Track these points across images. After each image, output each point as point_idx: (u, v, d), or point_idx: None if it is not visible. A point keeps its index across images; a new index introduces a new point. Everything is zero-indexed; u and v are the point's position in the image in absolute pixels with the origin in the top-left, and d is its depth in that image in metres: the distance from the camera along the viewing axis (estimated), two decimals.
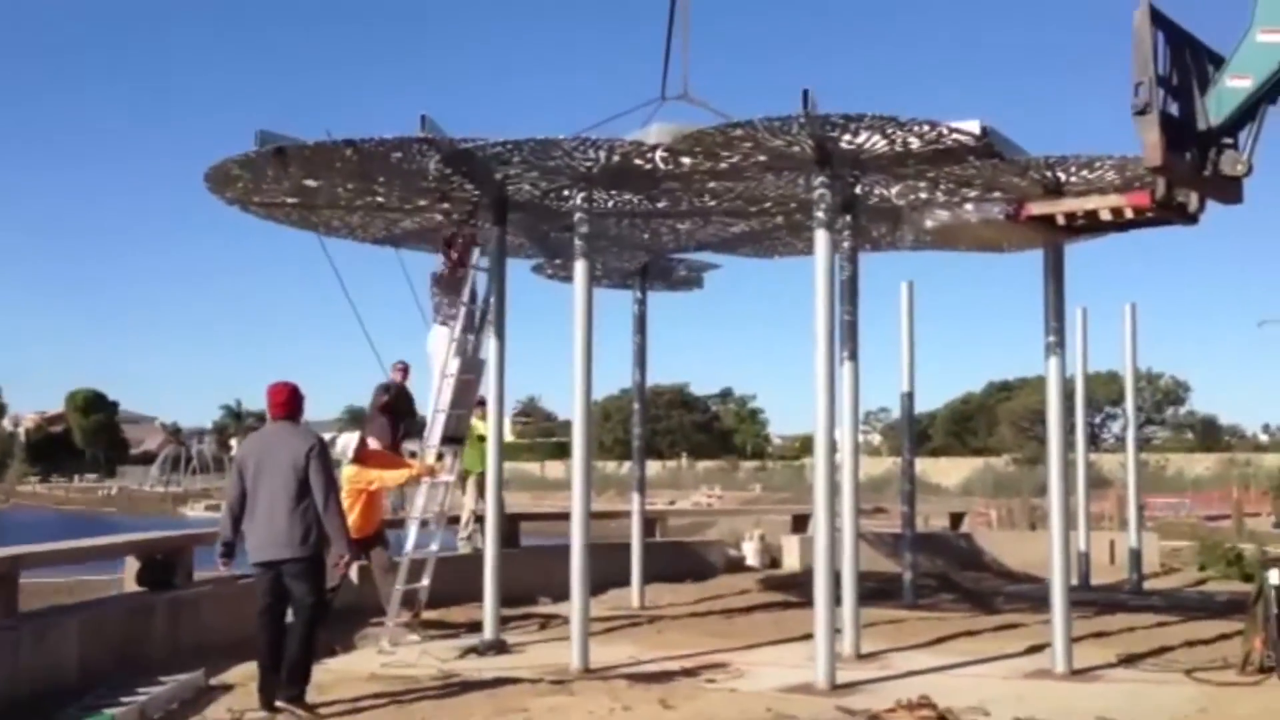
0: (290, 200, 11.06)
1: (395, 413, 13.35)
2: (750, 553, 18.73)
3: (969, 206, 9.95)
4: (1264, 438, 74.75)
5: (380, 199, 11.21)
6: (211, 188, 10.46)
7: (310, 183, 10.47)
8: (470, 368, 11.41)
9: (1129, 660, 10.04)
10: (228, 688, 8.40)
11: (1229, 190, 8.22)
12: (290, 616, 7.80)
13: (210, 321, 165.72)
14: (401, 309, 12.36)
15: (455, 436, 11.47)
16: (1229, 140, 8.02)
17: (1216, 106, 7.91)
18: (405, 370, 13.85)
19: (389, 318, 14.41)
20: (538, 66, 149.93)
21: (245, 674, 8.61)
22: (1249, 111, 7.92)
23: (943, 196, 10.65)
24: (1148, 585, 16.45)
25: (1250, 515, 30.45)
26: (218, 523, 8.60)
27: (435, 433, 11.26)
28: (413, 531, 11.15)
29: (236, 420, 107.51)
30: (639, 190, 10.95)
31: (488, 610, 10.62)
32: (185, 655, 9.05)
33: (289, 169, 9.94)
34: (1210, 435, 77.11)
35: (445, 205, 11.39)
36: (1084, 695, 8.55)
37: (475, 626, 10.90)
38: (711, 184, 10.64)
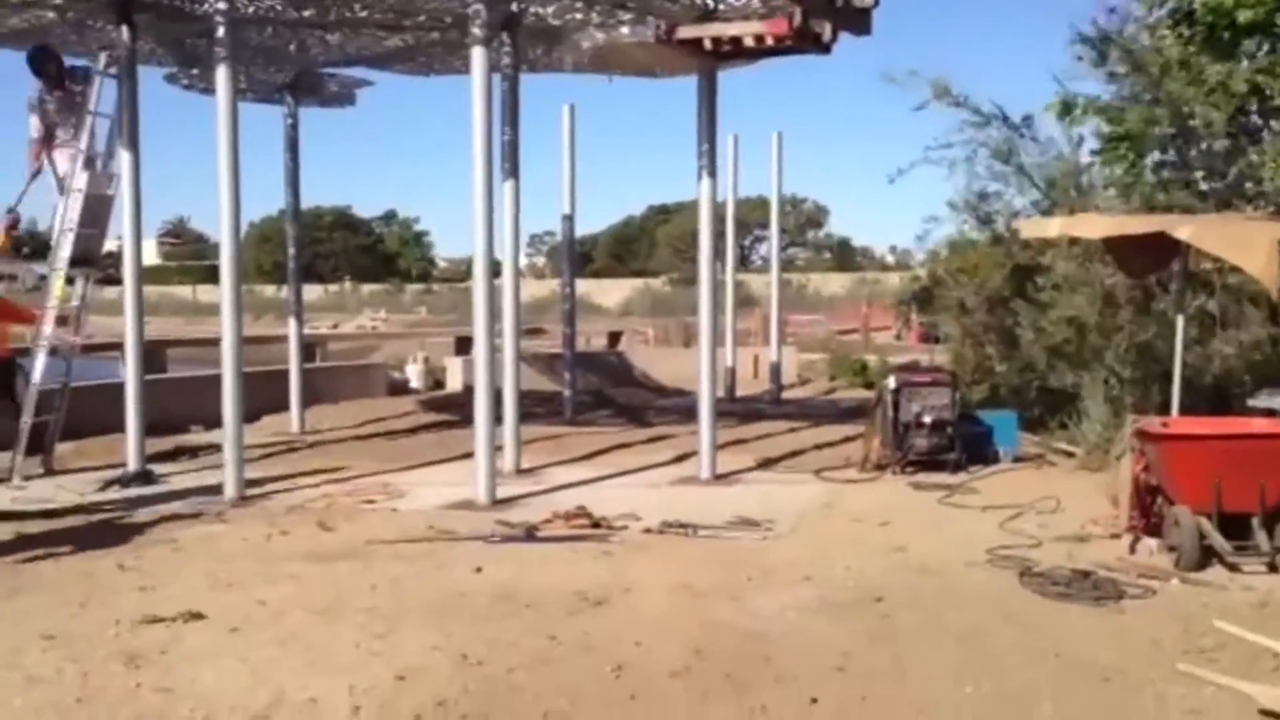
0: None
1: None
2: (414, 375, 18.73)
3: (624, 29, 10.00)
4: (890, 259, 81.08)
5: None
6: None
7: None
8: (101, 183, 10.53)
9: (766, 464, 10.86)
10: None
11: (859, 21, 8.70)
12: None
13: None
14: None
15: (86, 258, 10.63)
16: None
17: None
18: None
19: None
20: None
21: None
22: None
23: (598, 18, 10.61)
24: (786, 395, 17.83)
25: (876, 329, 33.20)
26: None
27: (63, 253, 10.41)
28: (40, 360, 10.34)
29: None
30: None
31: (131, 440, 10.11)
32: None
33: None
34: (845, 256, 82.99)
35: (59, 1, 10.23)
36: (725, 497, 9.15)
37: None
38: None
